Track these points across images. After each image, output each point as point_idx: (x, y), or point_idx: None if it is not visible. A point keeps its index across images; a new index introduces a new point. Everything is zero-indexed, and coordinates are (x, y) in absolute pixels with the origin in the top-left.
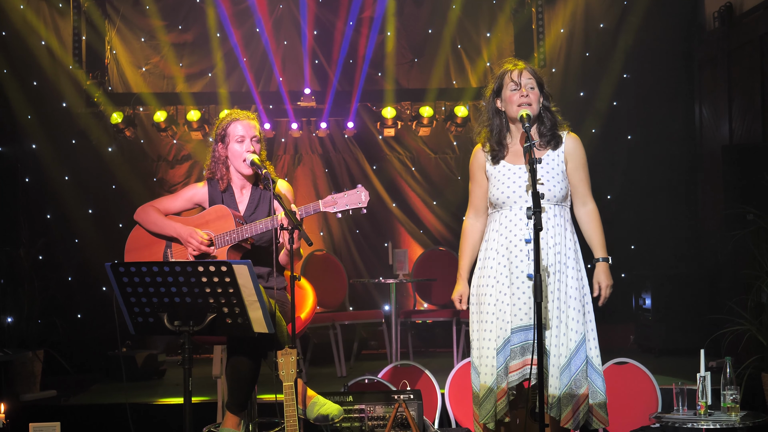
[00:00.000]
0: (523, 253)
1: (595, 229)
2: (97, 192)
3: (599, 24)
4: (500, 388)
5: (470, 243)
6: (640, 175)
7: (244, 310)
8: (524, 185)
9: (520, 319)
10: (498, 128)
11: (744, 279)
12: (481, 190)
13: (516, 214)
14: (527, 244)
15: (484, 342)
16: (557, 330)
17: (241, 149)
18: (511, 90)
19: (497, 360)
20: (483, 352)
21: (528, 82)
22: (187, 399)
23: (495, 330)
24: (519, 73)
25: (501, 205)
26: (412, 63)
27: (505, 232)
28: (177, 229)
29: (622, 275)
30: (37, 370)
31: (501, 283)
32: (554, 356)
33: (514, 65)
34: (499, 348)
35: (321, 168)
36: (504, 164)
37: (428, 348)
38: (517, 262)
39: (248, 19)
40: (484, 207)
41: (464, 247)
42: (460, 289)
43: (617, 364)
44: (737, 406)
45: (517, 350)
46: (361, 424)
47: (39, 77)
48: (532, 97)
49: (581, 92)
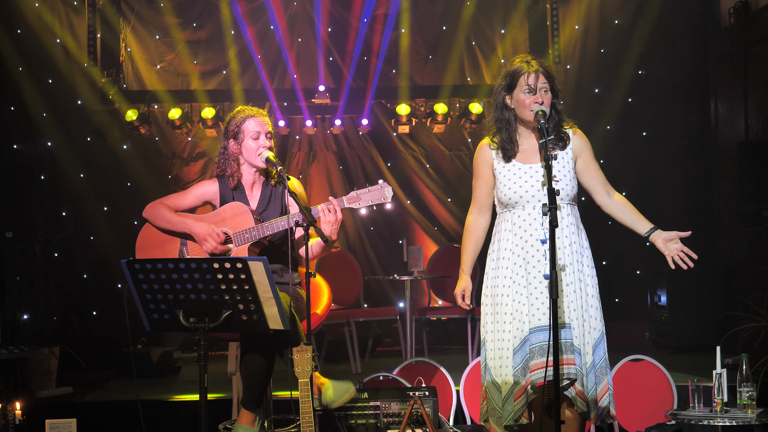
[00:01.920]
0: (539, 252)
1: (633, 211)
2: (112, 189)
3: (614, 20)
4: (519, 387)
5: (473, 239)
6: (655, 172)
7: (260, 306)
8: (537, 184)
9: (539, 318)
10: (507, 124)
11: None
12: (487, 186)
13: (530, 214)
14: (543, 244)
15: (501, 343)
16: (582, 329)
17: (257, 145)
18: (524, 93)
19: (514, 360)
20: (502, 353)
21: (543, 85)
22: (203, 396)
23: (512, 330)
24: (535, 77)
25: (514, 205)
26: (426, 60)
27: (520, 231)
28: (191, 227)
29: (637, 272)
30: (53, 367)
31: (517, 283)
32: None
33: (528, 65)
34: (516, 348)
35: (335, 165)
36: (515, 163)
37: (443, 345)
38: (534, 262)
39: (262, 16)
40: (488, 203)
41: (467, 244)
42: (463, 285)
43: (633, 361)
44: (753, 403)
45: (536, 350)
46: (376, 421)
47: (54, 75)
48: (546, 101)
49: (596, 89)
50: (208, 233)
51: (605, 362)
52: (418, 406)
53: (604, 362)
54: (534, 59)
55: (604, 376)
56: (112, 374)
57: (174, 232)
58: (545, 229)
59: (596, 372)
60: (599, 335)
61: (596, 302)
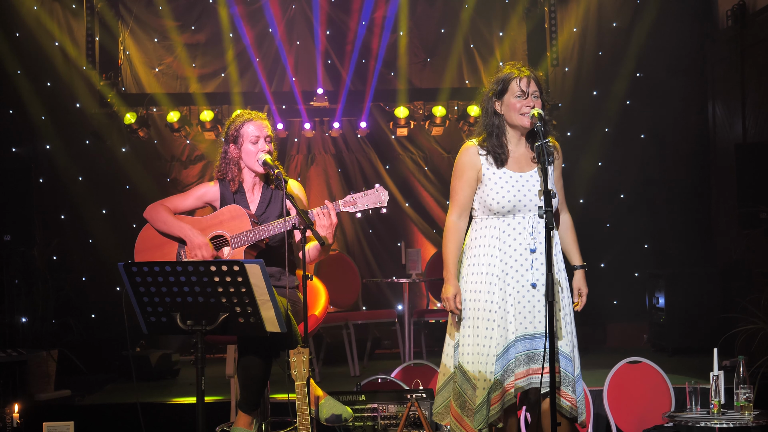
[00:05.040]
0: (528, 262)
1: (574, 238)
2: (111, 192)
3: (612, 23)
4: (495, 394)
5: (457, 243)
6: (652, 174)
7: (257, 309)
8: (529, 194)
9: (525, 327)
10: (498, 130)
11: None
12: (471, 190)
13: (519, 223)
14: (532, 253)
15: (482, 348)
16: (571, 335)
17: (256, 149)
18: (515, 97)
19: (496, 366)
20: (481, 359)
21: (534, 91)
22: (200, 398)
23: (495, 337)
24: (527, 82)
25: (505, 213)
26: (424, 62)
27: (509, 240)
28: (187, 233)
29: (635, 274)
30: (52, 369)
31: (502, 290)
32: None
33: (519, 70)
34: (499, 354)
35: (334, 168)
36: (506, 171)
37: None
38: (522, 271)
39: (261, 19)
40: (469, 207)
41: (452, 248)
42: (454, 291)
43: (630, 363)
44: (750, 405)
45: (522, 358)
46: (374, 424)
47: (52, 78)
48: (537, 105)
49: (594, 91)
50: (199, 245)
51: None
52: (416, 409)
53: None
54: (524, 66)
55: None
56: (110, 377)
57: (169, 235)
58: (534, 239)
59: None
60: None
61: (571, 310)
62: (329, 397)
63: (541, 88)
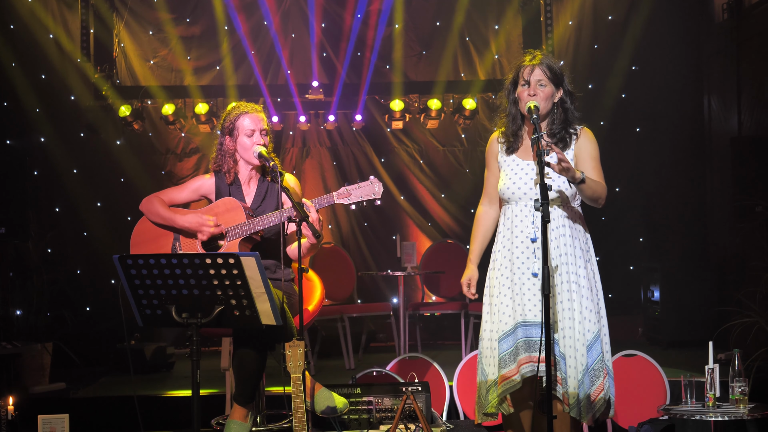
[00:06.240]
0: (529, 250)
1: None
2: (106, 185)
3: (607, 16)
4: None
5: (482, 230)
6: (648, 168)
7: (252, 302)
8: (530, 182)
9: (524, 315)
10: (513, 119)
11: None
12: (495, 178)
13: (522, 211)
14: (533, 242)
15: (494, 334)
16: (570, 331)
17: (251, 142)
18: (521, 86)
19: (500, 348)
20: (492, 344)
21: (539, 79)
22: (196, 391)
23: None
24: (530, 70)
25: (508, 201)
26: (420, 55)
27: (512, 227)
28: (180, 222)
29: (630, 267)
30: (46, 362)
31: (506, 277)
32: (570, 357)
33: (531, 58)
34: (501, 337)
35: (329, 161)
36: (514, 158)
37: (436, 340)
38: (524, 259)
39: (256, 11)
40: (497, 195)
41: (476, 234)
42: (470, 274)
43: (625, 357)
44: (746, 398)
45: (521, 345)
46: (369, 416)
47: (47, 70)
48: (540, 94)
49: (590, 84)
50: (199, 223)
51: (600, 363)
52: (411, 402)
53: (598, 363)
54: (540, 53)
55: (598, 377)
56: (105, 370)
57: (166, 226)
58: (535, 227)
59: (590, 374)
60: (593, 336)
61: (590, 304)
62: (324, 389)
63: (553, 77)
